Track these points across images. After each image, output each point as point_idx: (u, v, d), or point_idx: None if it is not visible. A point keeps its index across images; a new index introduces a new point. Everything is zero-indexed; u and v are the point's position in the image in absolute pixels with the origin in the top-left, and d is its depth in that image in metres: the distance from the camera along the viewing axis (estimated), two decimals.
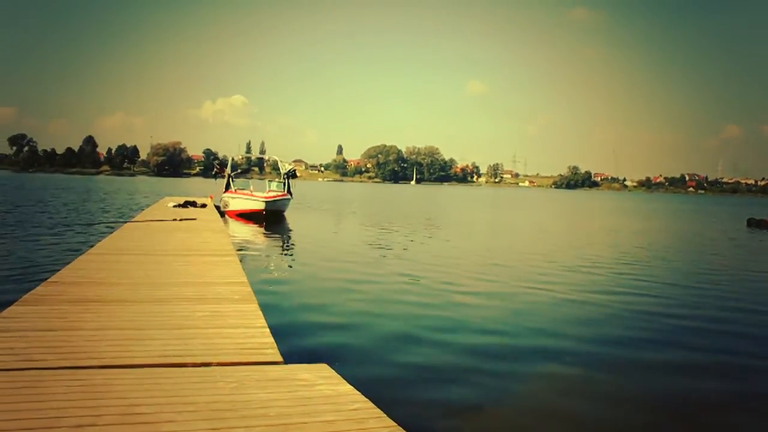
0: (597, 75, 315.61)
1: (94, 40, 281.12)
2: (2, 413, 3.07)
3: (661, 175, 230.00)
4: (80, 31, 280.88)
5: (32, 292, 6.05)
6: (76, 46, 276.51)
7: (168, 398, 3.40)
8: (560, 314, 9.10)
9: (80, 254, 9.21)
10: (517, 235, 24.60)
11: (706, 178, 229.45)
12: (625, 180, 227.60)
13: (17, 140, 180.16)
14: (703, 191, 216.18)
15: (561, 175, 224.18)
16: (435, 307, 9.19)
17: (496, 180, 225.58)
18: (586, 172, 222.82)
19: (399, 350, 6.79)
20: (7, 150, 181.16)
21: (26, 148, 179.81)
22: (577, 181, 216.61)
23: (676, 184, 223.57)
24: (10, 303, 5.54)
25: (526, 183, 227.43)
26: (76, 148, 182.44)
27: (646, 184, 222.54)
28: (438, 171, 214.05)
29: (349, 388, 3.72)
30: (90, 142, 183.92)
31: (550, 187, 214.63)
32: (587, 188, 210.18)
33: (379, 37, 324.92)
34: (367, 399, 3.53)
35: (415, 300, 9.62)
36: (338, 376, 3.93)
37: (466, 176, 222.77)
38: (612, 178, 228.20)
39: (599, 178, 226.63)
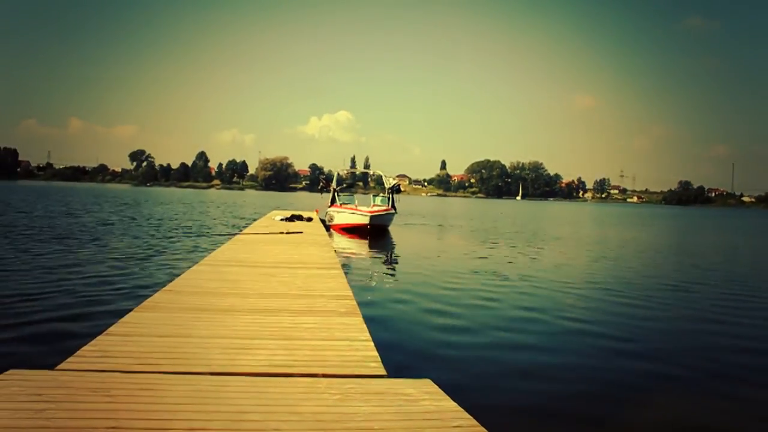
0: (710, 86, 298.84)
1: (212, 62, 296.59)
2: (121, 412, 3.23)
3: None
4: (197, 55, 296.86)
5: (150, 299, 6.38)
6: (193, 68, 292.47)
7: (274, 407, 3.46)
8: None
9: (194, 265, 9.60)
10: (638, 255, 23.64)
11: None
12: (741, 195, 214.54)
13: (137, 156, 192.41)
14: None
15: (671, 190, 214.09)
16: (544, 326, 8.84)
17: (603, 195, 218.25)
18: (698, 187, 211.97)
19: (505, 369, 6.60)
20: (128, 165, 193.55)
21: (144, 164, 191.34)
22: (689, 196, 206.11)
23: None
24: (130, 309, 5.86)
25: (634, 199, 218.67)
26: (189, 163, 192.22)
27: (766, 200, 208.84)
28: (543, 186, 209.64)
29: (452, 404, 3.64)
30: (202, 157, 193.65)
31: (660, 203, 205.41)
32: (700, 204, 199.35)
33: (482, 52, 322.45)
34: (470, 417, 3.44)
35: (523, 319, 9.20)
36: (442, 392, 3.87)
37: (571, 192, 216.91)
38: (727, 194, 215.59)
39: (713, 194, 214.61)
